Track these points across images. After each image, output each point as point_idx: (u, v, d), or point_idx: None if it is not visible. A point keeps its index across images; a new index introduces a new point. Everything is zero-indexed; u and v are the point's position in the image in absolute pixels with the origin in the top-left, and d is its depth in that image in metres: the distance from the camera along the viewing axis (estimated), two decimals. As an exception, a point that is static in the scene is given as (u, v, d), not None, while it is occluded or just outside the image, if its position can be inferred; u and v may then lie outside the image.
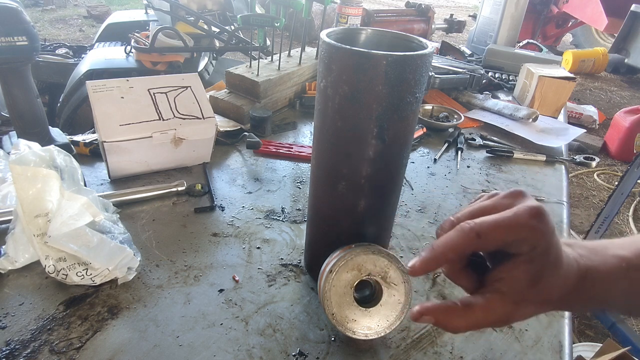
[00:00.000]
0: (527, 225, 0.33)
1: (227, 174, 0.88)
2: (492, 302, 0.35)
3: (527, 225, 0.33)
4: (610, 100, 4.38)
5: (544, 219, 0.33)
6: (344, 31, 0.54)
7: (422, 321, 0.35)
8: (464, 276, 0.38)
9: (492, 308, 0.35)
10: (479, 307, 0.35)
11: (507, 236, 0.33)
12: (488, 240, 0.33)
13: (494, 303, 0.35)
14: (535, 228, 0.33)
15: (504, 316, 0.35)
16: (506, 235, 0.33)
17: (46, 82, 2.10)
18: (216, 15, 1.78)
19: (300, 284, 0.63)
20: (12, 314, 0.54)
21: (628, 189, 1.78)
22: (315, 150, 0.55)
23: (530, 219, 0.33)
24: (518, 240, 0.33)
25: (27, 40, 0.73)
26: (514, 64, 1.56)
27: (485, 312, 0.35)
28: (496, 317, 0.35)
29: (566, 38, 6.12)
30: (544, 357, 0.55)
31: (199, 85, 0.87)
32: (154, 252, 0.66)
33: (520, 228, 0.33)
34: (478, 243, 0.33)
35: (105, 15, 4.93)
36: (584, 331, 1.76)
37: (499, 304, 0.35)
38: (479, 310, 0.35)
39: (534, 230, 0.33)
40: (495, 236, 0.33)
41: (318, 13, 4.04)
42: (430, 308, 0.35)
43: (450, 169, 0.99)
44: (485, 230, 0.33)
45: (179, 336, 0.53)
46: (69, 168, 0.62)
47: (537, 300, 0.35)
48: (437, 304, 0.36)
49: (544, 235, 0.33)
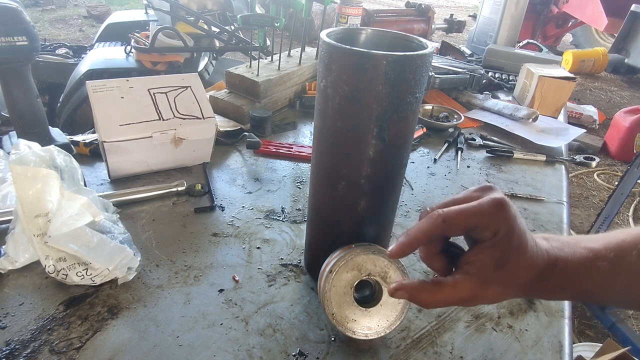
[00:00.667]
0: (487, 213, 0.37)
1: (227, 174, 0.88)
2: (460, 282, 0.39)
3: (487, 213, 0.37)
4: (610, 100, 4.38)
5: (505, 208, 0.37)
6: (344, 31, 0.54)
7: (397, 296, 0.41)
8: (437, 260, 0.42)
9: (459, 287, 0.39)
10: (448, 285, 0.39)
11: (469, 222, 0.38)
12: (452, 226, 0.38)
13: (461, 282, 0.39)
14: (495, 215, 0.37)
15: (470, 295, 0.39)
16: (468, 221, 0.38)
17: (46, 82, 2.10)
18: (216, 15, 1.78)
19: (300, 284, 0.63)
20: (12, 314, 0.54)
21: (628, 189, 1.78)
22: (315, 150, 0.55)
23: (491, 207, 0.37)
24: (480, 226, 0.38)
25: (27, 40, 0.73)
26: (514, 64, 1.56)
27: (453, 290, 0.39)
28: (463, 295, 0.39)
29: (566, 38, 6.12)
30: (544, 357, 0.55)
31: (199, 85, 0.87)
32: (154, 252, 0.66)
33: (481, 215, 0.37)
34: (444, 227, 0.38)
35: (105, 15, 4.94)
36: (584, 331, 1.76)
37: (466, 284, 0.39)
38: (448, 288, 0.39)
39: (494, 218, 0.37)
40: (459, 222, 0.38)
41: (318, 13, 4.04)
42: (405, 285, 0.40)
43: (450, 169, 0.99)
44: (449, 217, 0.38)
45: (179, 336, 0.53)
46: (69, 168, 0.62)
47: (503, 283, 0.39)
48: (411, 281, 0.41)
49: (504, 222, 0.37)
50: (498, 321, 0.60)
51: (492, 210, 0.37)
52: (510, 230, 0.37)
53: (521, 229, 0.38)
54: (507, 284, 0.39)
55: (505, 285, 0.39)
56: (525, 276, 0.39)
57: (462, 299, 0.39)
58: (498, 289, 0.39)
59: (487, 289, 0.38)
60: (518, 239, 0.38)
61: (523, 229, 0.38)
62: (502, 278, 0.38)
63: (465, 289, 0.38)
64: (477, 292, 0.38)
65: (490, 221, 0.37)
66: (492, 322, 0.60)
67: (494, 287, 0.39)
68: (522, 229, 0.38)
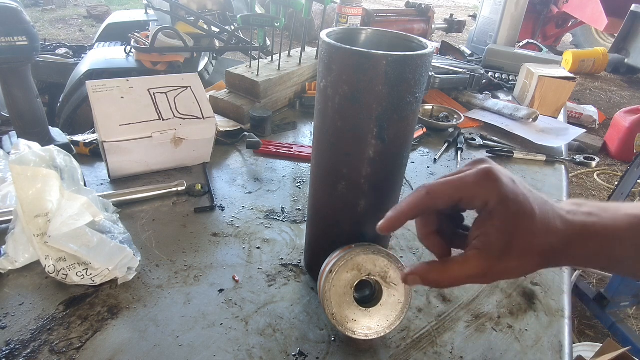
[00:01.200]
0: (472, 183, 0.36)
1: (227, 174, 0.88)
2: (468, 258, 0.38)
3: (472, 183, 0.36)
4: (610, 100, 4.38)
5: (491, 176, 0.36)
6: (344, 31, 0.54)
7: (410, 282, 0.40)
8: (434, 240, 0.42)
9: (468, 263, 0.37)
10: (457, 262, 0.38)
11: (453, 193, 0.37)
12: (436, 197, 0.38)
13: (470, 258, 0.37)
14: (481, 185, 0.36)
15: (481, 270, 0.37)
16: (452, 192, 0.37)
17: (46, 82, 2.10)
18: (216, 15, 1.78)
19: (300, 284, 0.63)
20: (12, 314, 0.54)
21: (628, 189, 1.78)
22: (315, 150, 0.55)
23: (475, 177, 0.36)
24: (467, 197, 0.37)
25: (27, 40, 0.73)
26: (514, 64, 1.56)
27: (462, 267, 0.38)
28: (473, 271, 0.37)
29: (566, 38, 6.12)
30: (544, 357, 0.55)
31: (199, 85, 0.87)
32: (154, 252, 0.66)
33: (465, 186, 0.37)
34: (428, 199, 0.38)
35: (105, 15, 4.94)
36: (584, 331, 1.76)
37: (474, 259, 0.37)
38: (456, 265, 0.38)
39: (480, 187, 0.36)
40: (442, 193, 0.37)
41: (318, 13, 4.04)
42: (415, 268, 0.40)
43: (450, 169, 0.99)
44: (433, 189, 0.38)
45: (179, 336, 0.53)
46: (69, 168, 0.62)
47: (517, 253, 0.36)
48: (421, 263, 0.40)
49: (493, 189, 0.36)
50: (498, 321, 0.60)
51: (477, 180, 0.36)
52: (503, 197, 0.36)
53: (518, 193, 0.36)
54: (522, 254, 0.37)
55: (520, 256, 0.37)
56: (542, 242, 0.36)
57: (473, 275, 0.38)
58: (513, 260, 0.37)
59: (499, 262, 0.37)
60: (517, 205, 0.36)
61: (522, 192, 0.36)
62: (513, 248, 0.36)
63: (474, 264, 0.37)
64: (489, 267, 0.37)
65: (477, 191, 0.36)
66: (492, 322, 0.60)
67: (508, 259, 0.37)
68: (521, 193, 0.36)
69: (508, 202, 0.36)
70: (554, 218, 0.37)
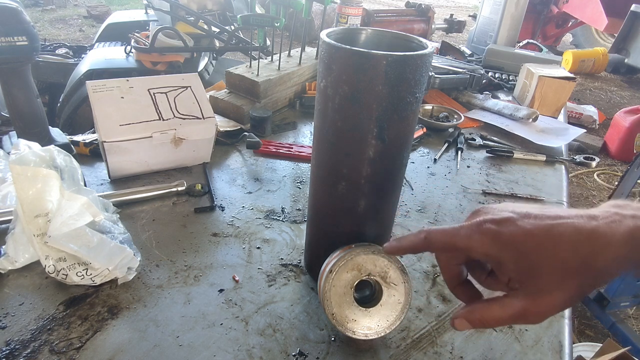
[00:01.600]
0: (464, 235, 0.38)
1: (227, 174, 0.88)
2: (506, 298, 0.38)
3: (464, 235, 0.38)
4: (610, 100, 4.38)
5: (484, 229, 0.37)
6: (344, 31, 0.54)
7: (458, 327, 0.41)
8: (461, 291, 0.44)
9: (505, 305, 0.38)
10: (497, 303, 0.39)
11: (447, 241, 0.39)
12: (433, 242, 0.40)
13: (507, 298, 0.38)
14: (472, 237, 0.38)
15: (520, 310, 0.37)
16: (447, 240, 0.39)
17: (46, 82, 2.10)
18: (216, 15, 1.78)
19: (300, 284, 0.63)
20: (12, 314, 0.54)
21: (628, 189, 1.78)
22: (315, 150, 0.55)
23: (468, 230, 0.38)
24: (463, 248, 0.39)
25: (27, 40, 0.73)
26: (514, 64, 1.56)
27: (502, 308, 0.38)
28: (512, 311, 0.37)
29: (566, 38, 6.11)
30: (544, 357, 0.55)
31: (199, 85, 0.87)
32: (154, 252, 0.66)
33: (459, 237, 0.39)
34: (425, 243, 0.41)
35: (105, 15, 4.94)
36: (584, 331, 1.76)
37: (509, 299, 0.38)
38: (497, 306, 0.39)
39: (472, 239, 0.38)
40: (437, 240, 0.40)
41: (318, 13, 4.04)
42: (460, 312, 0.41)
43: (450, 169, 0.99)
44: (430, 235, 0.40)
45: (179, 336, 0.53)
46: (69, 168, 0.62)
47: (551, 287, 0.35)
48: (464, 307, 0.41)
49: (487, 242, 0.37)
50: (498, 321, 0.60)
51: (469, 232, 0.38)
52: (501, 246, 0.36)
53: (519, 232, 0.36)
54: (556, 285, 0.35)
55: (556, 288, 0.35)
56: (577, 262, 0.34)
57: (514, 316, 0.37)
58: (550, 295, 0.36)
59: (535, 302, 0.36)
60: (522, 245, 0.35)
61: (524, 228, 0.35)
62: (541, 283, 0.35)
63: (510, 306, 0.37)
64: (526, 307, 0.36)
65: (470, 243, 0.38)
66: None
67: (543, 296, 0.36)
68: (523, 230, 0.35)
69: (508, 246, 0.36)
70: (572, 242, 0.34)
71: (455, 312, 0.41)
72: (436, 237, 0.40)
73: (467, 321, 0.40)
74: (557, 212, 0.36)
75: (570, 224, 0.35)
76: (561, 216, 0.35)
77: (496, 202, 0.88)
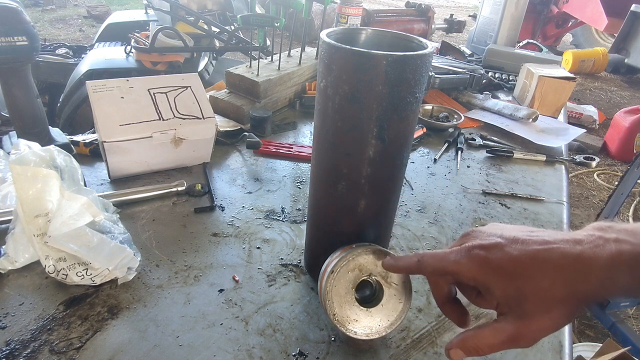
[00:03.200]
0: (452, 261, 0.40)
1: (227, 174, 0.88)
2: (497, 323, 0.39)
3: (453, 261, 0.40)
4: (610, 100, 4.38)
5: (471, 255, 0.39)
6: (344, 31, 0.54)
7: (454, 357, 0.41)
8: (449, 309, 0.46)
9: (498, 328, 0.39)
10: (488, 329, 0.39)
11: (437, 265, 0.41)
12: (424, 266, 0.43)
13: (498, 324, 0.39)
14: (460, 262, 0.39)
15: (511, 334, 0.38)
16: (437, 264, 0.41)
17: (46, 82, 2.10)
18: (216, 15, 1.78)
19: (300, 284, 0.63)
20: (12, 314, 0.54)
21: (628, 189, 1.78)
22: (315, 150, 0.55)
23: (457, 255, 0.40)
24: (451, 272, 0.40)
25: (27, 40, 0.73)
26: (514, 64, 1.56)
27: (494, 333, 0.39)
28: (504, 335, 0.38)
29: (566, 38, 6.11)
30: (544, 357, 0.55)
31: (199, 85, 0.87)
32: (154, 252, 0.66)
33: (447, 262, 0.40)
34: (418, 266, 0.43)
35: (105, 15, 4.94)
36: (584, 331, 1.76)
37: (500, 324, 0.39)
38: (489, 331, 0.39)
39: (460, 264, 0.39)
40: (428, 264, 0.42)
41: (318, 13, 4.04)
42: (453, 342, 0.41)
43: (450, 169, 0.99)
44: (423, 259, 0.43)
45: (179, 336, 0.53)
46: (69, 168, 0.62)
47: (539, 311, 0.36)
48: (457, 336, 0.42)
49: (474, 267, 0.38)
50: (498, 321, 0.60)
51: (457, 258, 0.39)
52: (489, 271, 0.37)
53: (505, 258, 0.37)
54: (544, 309, 0.36)
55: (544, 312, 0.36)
56: (564, 287, 0.35)
57: (506, 341, 0.38)
58: (539, 319, 0.36)
59: (528, 323, 0.37)
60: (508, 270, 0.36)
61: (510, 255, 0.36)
62: (528, 308, 0.36)
63: (501, 330, 0.38)
64: (517, 331, 0.37)
65: (458, 268, 0.39)
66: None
67: (532, 319, 0.36)
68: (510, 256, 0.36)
69: (496, 272, 0.37)
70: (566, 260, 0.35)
71: (449, 343, 0.42)
72: (428, 262, 0.42)
73: (461, 350, 0.41)
74: (544, 237, 0.37)
75: (556, 249, 0.35)
76: (548, 241, 0.36)
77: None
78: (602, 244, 0.34)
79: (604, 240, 0.34)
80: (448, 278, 0.44)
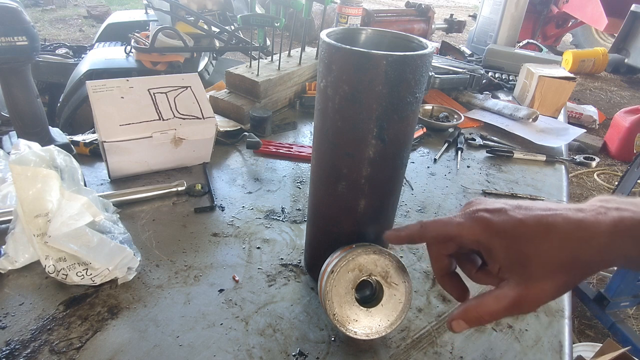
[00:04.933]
0: (456, 223, 0.40)
1: (227, 174, 0.88)
2: (499, 289, 0.39)
3: (456, 223, 0.40)
4: (610, 100, 4.38)
5: (475, 217, 0.39)
6: (344, 31, 0.54)
7: (455, 328, 0.41)
8: (448, 282, 0.45)
9: (499, 295, 0.38)
10: (490, 296, 0.39)
11: (441, 229, 0.41)
12: (427, 231, 0.42)
13: (500, 290, 0.39)
14: (464, 225, 0.39)
15: (514, 299, 0.37)
16: (440, 228, 0.41)
17: (46, 82, 2.09)
18: (216, 15, 1.78)
19: (300, 284, 0.63)
20: (12, 314, 0.54)
21: (628, 189, 1.78)
22: (315, 150, 0.55)
23: (461, 218, 0.40)
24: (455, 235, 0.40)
25: (27, 40, 0.73)
26: (514, 64, 1.56)
27: (496, 300, 0.39)
28: (506, 301, 0.38)
29: (566, 38, 6.11)
30: (544, 357, 0.55)
31: (199, 85, 0.87)
32: (154, 252, 0.66)
33: (452, 225, 0.40)
34: (421, 232, 0.43)
35: (105, 15, 4.94)
36: (584, 331, 1.76)
37: (502, 290, 0.38)
38: (491, 299, 0.39)
39: (464, 227, 0.39)
40: (432, 229, 0.42)
41: (318, 13, 4.04)
42: (455, 313, 0.41)
43: (450, 169, 0.99)
44: (426, 224, 0.42)
45: (179, 336, 0.53)
46: (69, 168, 0.62)
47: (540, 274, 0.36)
48: (458, 307, 0.41)
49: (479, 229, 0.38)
50: (498, 321, 0.60)
51: (462, 220, 0.40)
52: (492, 232, 0.38)
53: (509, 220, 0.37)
54: (546, 273, 0.36)
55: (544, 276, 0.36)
56: (566, 251, 0.35)
57: (509, 306, 0.38)
58: (540, 282, 0.36)
59: (527, 288, 0.37)
60: (512, 231, 0.37)
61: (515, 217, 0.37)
62: (531, 271, 0.36)
63: (504, 295, 0.38)
64: (519, 295, 0.37)
65: (462, 231, 0.39)
66: (492, 322, 0.60)
67: (533, 283, 0.37)
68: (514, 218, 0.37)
69: (500, 234, 0.37)
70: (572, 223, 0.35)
71: (450, 314, 0.41)
72: (430, 227, 0.42)
73: (463, 321, 0.40)
74: (547, 205, 0.38)
75: (559, 214, 0.36)
76: (551, 208, 0.37)
77: None
78: (603, 212, 0.35)
79: (606, 209, 0.35)
80: (449, 247, 0.43)
